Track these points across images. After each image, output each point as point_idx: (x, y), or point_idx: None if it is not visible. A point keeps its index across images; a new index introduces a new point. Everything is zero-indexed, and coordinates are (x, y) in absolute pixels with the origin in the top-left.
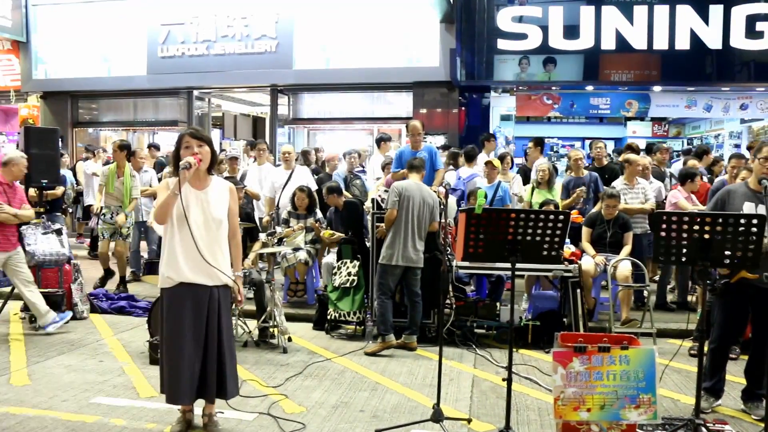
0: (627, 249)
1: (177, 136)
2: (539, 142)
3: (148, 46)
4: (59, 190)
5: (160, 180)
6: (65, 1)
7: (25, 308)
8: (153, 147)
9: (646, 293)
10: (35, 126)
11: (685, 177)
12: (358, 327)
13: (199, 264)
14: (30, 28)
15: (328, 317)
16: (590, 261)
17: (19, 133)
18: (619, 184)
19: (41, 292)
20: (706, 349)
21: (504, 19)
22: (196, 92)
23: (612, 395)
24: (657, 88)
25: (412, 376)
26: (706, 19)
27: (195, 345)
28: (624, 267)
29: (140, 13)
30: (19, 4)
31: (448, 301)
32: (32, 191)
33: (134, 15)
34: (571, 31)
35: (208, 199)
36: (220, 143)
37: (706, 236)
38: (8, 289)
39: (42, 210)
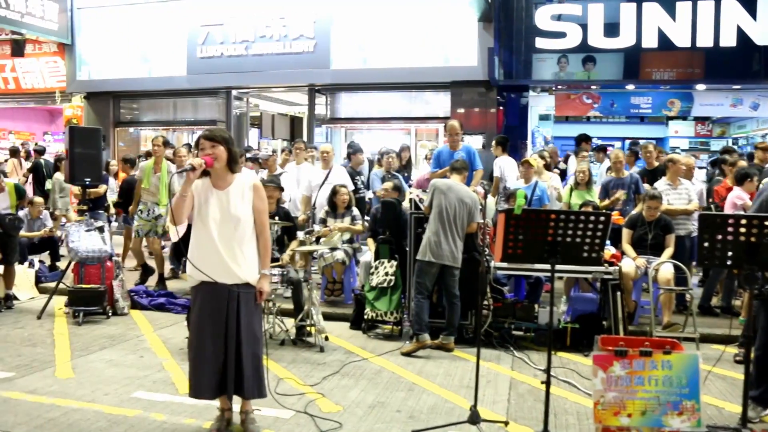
0: (669, 251)
1: None
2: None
3: (187, 47)
4: (102, 189)
5: None
6: (108, 4)
7: (69, 303)
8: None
9: (688, 297)
10: (79, 126)
11: (743, 177)
12: (395, 327)
13: (218, 263)
14: (75, 30)
15: (365, 317)
16: (631, 263)
17: (64, 133)
18: (662, 184)
19: (84, 288)
20: (752, 355)
21: (542, 17)
22: (234, 92)
23: (654, 401)
24: (701, 87)
25: (449, 377)
26: (753, 14)
27: (214, 342)
28: (666, 270)
29: (180, 14)
30: (65, 7)
31: (485, 303)
32: (76, 189)
33: (174, 17)
34: (612, 29)
35: (228, 198)
36: (258, 143)
37: (753, 239)
38: (53, 284)
39: (85, 208)
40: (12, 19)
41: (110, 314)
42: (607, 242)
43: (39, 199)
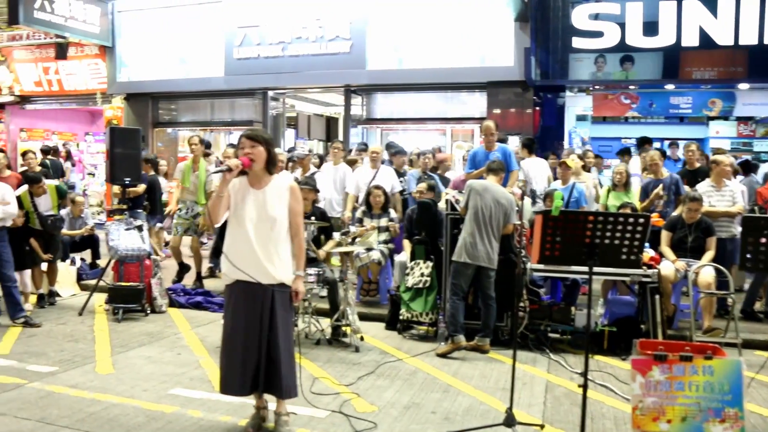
0: (710, 254)
1: None
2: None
3: (224, 49)
4: (141, 188)
5: None
6: (148, 7)
7: (109, 300)
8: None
9: (730, 301)
10: (119, 126)
11: None
12: (430, 328)
13: (253, 262)
14: (115, 33)
15: (401, 317)
16: (670, 266)
17: (104, 133)
18: (705, 186)
19: (123, 286)
20: None
21: (579, 16)
22: (271, 93)
23: (695, 407)
24: (743, 86)
25: (484, 379)
26: None
27: (247, 340)
28: (706, 273)
29: (217, 16)
30: (106, 11)
31: (522, 305)
32: (116, 188)
33: (211, 19)
34: (651, 27)
35: (265, 198)
36: (294, 143)
37: None
38: (93, 282)
39: (125, 207)
40: (56, 23)
41: (148, 312)
42: (646, 245)
43: (80, 198)
